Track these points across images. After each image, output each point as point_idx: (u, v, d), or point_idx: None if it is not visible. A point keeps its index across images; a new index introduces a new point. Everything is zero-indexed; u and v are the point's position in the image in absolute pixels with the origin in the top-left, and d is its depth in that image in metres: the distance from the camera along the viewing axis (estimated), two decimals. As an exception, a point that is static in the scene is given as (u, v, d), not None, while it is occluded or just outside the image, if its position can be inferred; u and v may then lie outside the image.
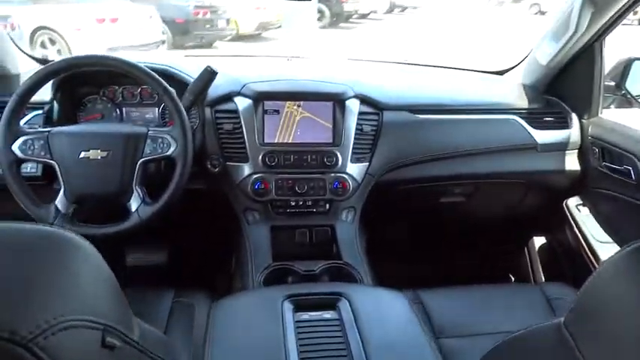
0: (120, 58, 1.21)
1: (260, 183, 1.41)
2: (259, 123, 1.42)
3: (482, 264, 1.90)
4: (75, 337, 0.41)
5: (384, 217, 1.70)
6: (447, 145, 1.54)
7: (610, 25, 1.42)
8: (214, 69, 1.33)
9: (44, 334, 0.39)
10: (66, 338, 0.40)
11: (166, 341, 0.72)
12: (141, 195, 1.22)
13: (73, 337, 0.41)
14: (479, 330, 1.22)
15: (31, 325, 0.39)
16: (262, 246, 1.37)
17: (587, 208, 1.61)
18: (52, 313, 0.41)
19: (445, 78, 1.82)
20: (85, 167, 1.19)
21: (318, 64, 1.85)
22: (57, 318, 0.41)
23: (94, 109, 1.48)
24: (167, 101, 1.23)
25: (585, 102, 1.59)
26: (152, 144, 1.23)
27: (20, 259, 0.43)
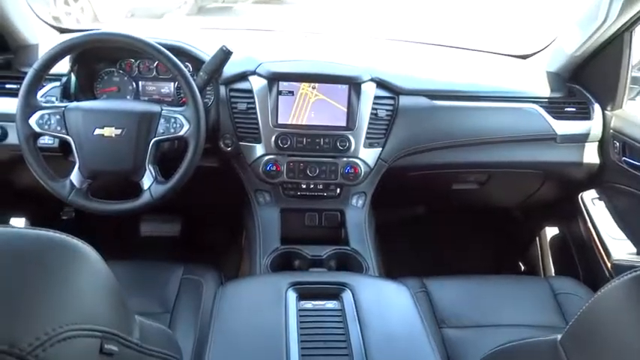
0: (136, 37, 1.21)
1: (272, 165, 1.41)
2: (273, 103, 1.41)
3: (492, 252, 1.90)
4: (73, 347, 0.42)
5: (395, 202, 1.69)
6: (464, 132, 1.52)
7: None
8: (229, 49, 1.32)
9: (43, 345, 0.40)
10: (65, 349, 0.41)
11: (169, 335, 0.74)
12: (153, 174, 1.24)
13: (72, 347, 0.42)
14: (483, 321, 1.23)
15: (31, 336, 0.40)
16: (271, 228, 1.38)
17: (602, 202, 1.58)
18: (51, 324, 0.42)
19: (466, 61, 1.77)
20: (100, 144, 1.21)
21: (336, 42, 1.81)
22: (56, 329, 0.41)
23: (111, 81, 1.49)
24: (181, 81, 1.23)
25: (610, 93, 1.54)
26: (165, 123, 1.24)
27: (20, 268, 0.44)
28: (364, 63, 1.49)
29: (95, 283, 0.50)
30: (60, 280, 0.46)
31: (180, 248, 1.82)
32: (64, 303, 0.45)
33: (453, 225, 1.91)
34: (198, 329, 1.10)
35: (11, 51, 1.51)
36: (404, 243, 1.68)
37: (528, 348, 0.74)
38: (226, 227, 1.71)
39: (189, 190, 1.25)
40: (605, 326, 0.59)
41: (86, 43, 1.21)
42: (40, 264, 0.45)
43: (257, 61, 1.43)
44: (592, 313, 0.62)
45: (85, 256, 0.51)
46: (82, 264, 0.50)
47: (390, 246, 1.44)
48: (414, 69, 1.58)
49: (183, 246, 1.82)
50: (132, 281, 1.27)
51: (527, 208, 1.83)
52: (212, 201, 1.73)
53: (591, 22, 1.43)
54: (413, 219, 1.84)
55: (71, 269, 0.48)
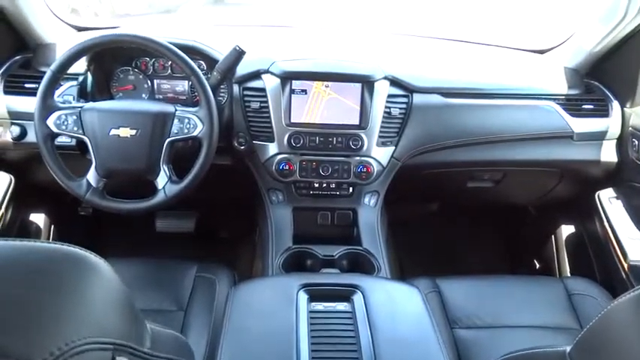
0: (150, 38, 1.22)
1: (284, 163, 1.42)
2: (286, 102, 1.41)
3: (507, 250, 1.88)
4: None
5: (409, 201, 1.69)
6: (479, 130, 1.50)
7: None
8: (242, 48, 1.33)
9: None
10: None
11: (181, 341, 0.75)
12: (168, 173, 1.25)
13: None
14: (495, 322, 1.23)
15: (44, 352, 0.41)
16: (284, 227, 1.40)
17: (620, 201, 1.55)
18: (65, 339, 0.42)
19: (481, 57, 1.74)
20: (115, 144, 1.23)
21: (349, 38, 1.80)
22: (69, 344, 0.42)
23: (127, 80, 1.51)
24: (194, 81, 1.24)
25: (629, 90, 1.51)
26: (179, 124, 1.25)
27: (34, 282, 0.45)
28: (377, 60, 1.48)
29: (108, 296, 0.52)
30: (73, 294, 0.46)
31: (194, 244, 1.84)
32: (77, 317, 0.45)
33: (467, 223, 1.90)
34: (211, 330, 1.12)
35: (30, 50, 1.54)
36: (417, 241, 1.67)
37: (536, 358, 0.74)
38: (240, 224, 1.73)
39: (204, 186, 1.27)
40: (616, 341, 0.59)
41: (101, 45, 1.22)
42: (54, 278, 0.46)
43: (270, 60, 1.43)
44: (603, 327, 0.62)
45: (97, 269, 0.52)
46: (94, 277, 0.51)
47: (404, 244, 1.44)
48: (427, 66, 1.56)
49: (198, 242, 1.84)
50: (147, 279, 1.30)
51: (542, 206, 1.81)
52: (226, 198, 1.75)
53: (611, 17, 1.39)
54: (426, 217, 1.83)
55: (84, 283, 0.49)
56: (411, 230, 1.68)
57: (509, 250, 1.90)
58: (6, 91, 1.44)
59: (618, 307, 0.60)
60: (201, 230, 1.85)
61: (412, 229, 1.69)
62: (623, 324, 0.59)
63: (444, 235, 1.86)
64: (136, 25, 1.73)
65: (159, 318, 1.19)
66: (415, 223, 1.77)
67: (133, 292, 0.56)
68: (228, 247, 1.72)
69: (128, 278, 1.26)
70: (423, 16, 5.35)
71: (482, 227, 1.93)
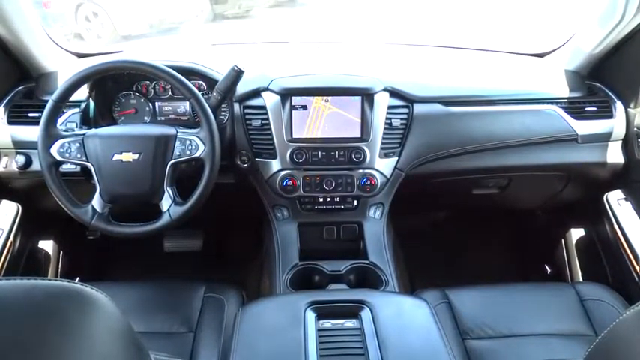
0: (148, 63, 1.23)
1: (288, 180, 1.42)
2: (287, 118, 1.41)
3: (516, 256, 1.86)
4: None
5: (413, 211, 1.68)
6: (481, 138, 1.49)
7: None
8: (241, 68, 1.33)
9: None
10: None
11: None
12: (172, 195, 1.26)
13: None
14: (508, 331, 1.21)
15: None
16: (290, 244, 1.39)
17: (629, 203, 1.53)
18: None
19: (480, 63, 1.74)
20: (119, 169, 1.24)
21: (347, 51, 1.80)
22: None
23: (128, 104, 1.52)
24: (194, 104, 1.25)
25: (632, 89, 1.50)
26: (181, 146, 1.26)
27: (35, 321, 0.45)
28: (376, 72, 1.48)
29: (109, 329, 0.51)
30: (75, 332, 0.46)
31: (202, 262, 1.85)
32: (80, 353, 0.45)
33: (475, 231, 1.89)
34: (221, 351, 1.12)
35: (33, 79, 1.56)
36: (425, 251, 1.66)
37: None
38: (247, 241, 1.73)
39: (209, 206, 1.27)
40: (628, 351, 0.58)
41: (100, 72, 1.24)
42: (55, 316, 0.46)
43: (269, 77, 1.44)
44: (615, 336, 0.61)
45: (98, 304, 0.51)
46: (96, 312, 0.50)
47: (412, 254, 1.42)
48: (427, 75, 1.56)
49: (206, 260, 1.85)
50: (156, 301, 1.30)
51: (551, 210, 1.79)
52: (232, 216, 1.76)
53: (609, 18, 1.39)
54: (433, 226, 1.82)
55: (85, 319, 0.49)
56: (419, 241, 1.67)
57: (518, 256, 1.88)
58: (10, 121, 1.46)
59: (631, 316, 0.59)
60: (209, 249, 1.86)
61: (419, 239, 1.68)
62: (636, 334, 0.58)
63: (452, 245, 1.85)
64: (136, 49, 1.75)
65: (169, 340, 1.18)
66: (422, 233, 1.76)
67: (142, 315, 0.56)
68: (236, 264, 1.72)
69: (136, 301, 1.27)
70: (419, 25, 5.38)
71: (490, 234, 1.91)
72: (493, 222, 1.88)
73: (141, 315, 1.22)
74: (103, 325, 0.50)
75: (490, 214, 1.83)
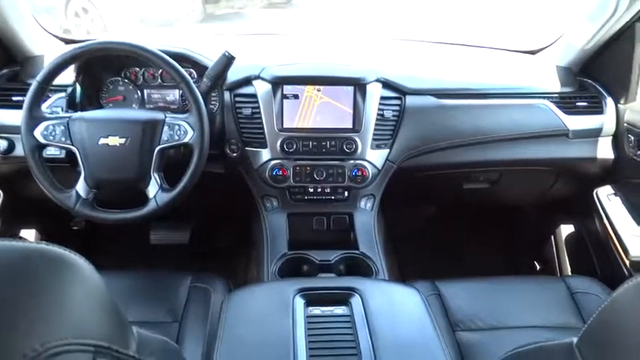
0: (138, 45, 1.20)
1: (278, 169, 1.40)
2: (278, 107, 1.39)
3: (506, 251, 1.86)
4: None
5: (404, 204, 1.67)
6: (473, 131, 1.49)
7: None
8: (232, 54, 1.31)
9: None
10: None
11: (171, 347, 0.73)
12: (158, 181, 1.23)
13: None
14: (498, 324, 1.20)
15: (17, 354, 0.38)
16: (279, 234, 1.37)
17: (618, 198, 1.53)
18: (39, 340, 0.40)
19: (473, 58, 1.74)
20: (104, 153, 1.21)
21: (340, 44, 1.79)
22: (44, 345, 0.40)
23: (116, 91, 1.49)
24: (184, 88, 1.22)
25: (623, 86, 1.50)
26: (169, 131, 1.23)
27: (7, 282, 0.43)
28: (369, 64, 1.47)
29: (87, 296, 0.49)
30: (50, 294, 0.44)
31: (189, 255, 1.81)
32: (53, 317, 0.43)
33: (466, 225, 1.88)
34: (207, 339, 1.09)
35: (18, 63, 1.52)
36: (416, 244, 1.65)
37: (543, 352, 0.72)
38: (234, 233, 1.70)
39: (197, 196, 1.24)
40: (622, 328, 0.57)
41: (88, 52, 1.21)
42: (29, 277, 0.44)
43: (261, 66, 1.42)
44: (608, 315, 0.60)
45: (76, 269, 0.49)
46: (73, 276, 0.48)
47: (402, 248, 1.41)
48: (420, 68, 1.56)
49: (193, 253, 1.81)
50: (141, 291, 1.27)
51: (541, 206, 1.79)
52: (220, 207, 1.73)
53: (601, 14, 1.39)
54: (424, 220, 1.81)
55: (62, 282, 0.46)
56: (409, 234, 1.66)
57: (508, 252, 1.88)
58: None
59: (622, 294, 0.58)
60: (196, 241, 1.83)
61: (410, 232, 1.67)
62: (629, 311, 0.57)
63: (443, 238, 1.84)
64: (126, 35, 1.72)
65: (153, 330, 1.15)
66: (413, 226, 1.74)
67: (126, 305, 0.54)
68: (224, 257, 1.69)
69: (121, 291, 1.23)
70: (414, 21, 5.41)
71: (481, 229, 1.90)
72: (484, 217, 1.87)
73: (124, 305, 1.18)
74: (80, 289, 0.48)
75: (481, 209, 1.83)
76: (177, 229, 1.85)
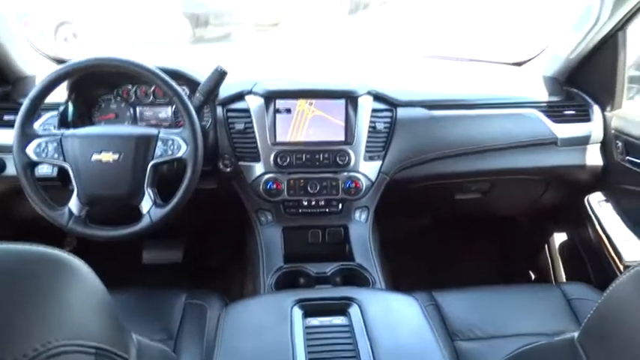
0: (130, 60, 1.21)
1: (272, 183, 1.40)
2: (271, 121, 1.40)
3: (500, 261, 1.86)
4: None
5: (399, 215, 1.67)
6: (464, 141, 1.50)
7: (634, 13, 1.35)
8: (224, 69, 1.32)
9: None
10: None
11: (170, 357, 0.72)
12: (152, 197, 1.22)
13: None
14: (496, 332, 1.20)
15: (19, 353, 0.38)
16: (274, 248, 1.37)
17: (609, 204, 1.55)
18: (40, 340, 0.40)
19: (462, 71, 1.77)
20: (98, 169, 1.20)
21: (332, 58, 1.82)
22: (45, 345, 0.40)
23: (108, 108, 1.49)
24: (177, 102, 1.23)
25: (608, 93, 1.53)
26: (163, 146, 1.23)
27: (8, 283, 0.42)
28: (360, 77, 1.49)
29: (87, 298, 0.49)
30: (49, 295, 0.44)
31: (183, 274, 1.79)
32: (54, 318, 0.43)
33: (459, 236, 1.89)
34: (204, 354, 1.07)
35: (9, 83, 1.52)
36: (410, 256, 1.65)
37: (545, 350, 0.71)
38: (229, 249, 1.69)
39: (190, 213, 1.24)
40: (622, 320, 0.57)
41: (82, 69, 1.21)
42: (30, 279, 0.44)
43: (253, 81, 1.44)
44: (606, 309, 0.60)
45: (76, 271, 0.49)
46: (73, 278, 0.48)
47: (397, 260, 1.41)
48: (410, 81, 1.58)
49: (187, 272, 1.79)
50: (134, 309, 1.25)
51: (533, 214, 1.80)
52: (214, 224, 1.72)
53: (584, 23, 1.43)
54: (418, 231, 1.81)
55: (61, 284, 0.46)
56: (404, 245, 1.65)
57: (502, 261, 1.88)
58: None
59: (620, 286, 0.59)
60: (190, 260, 1.81)
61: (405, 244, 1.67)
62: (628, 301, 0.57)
63: (437, 249, 1.84)
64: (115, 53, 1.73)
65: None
66: (407, 238, 1.75)
67: None
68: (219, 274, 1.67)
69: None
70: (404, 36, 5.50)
71: (475, 240, 1.91)
72: (477, 229, 1.88)
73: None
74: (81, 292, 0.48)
75: (474, 220, 1.84)
76: (169, 248, 1.83)
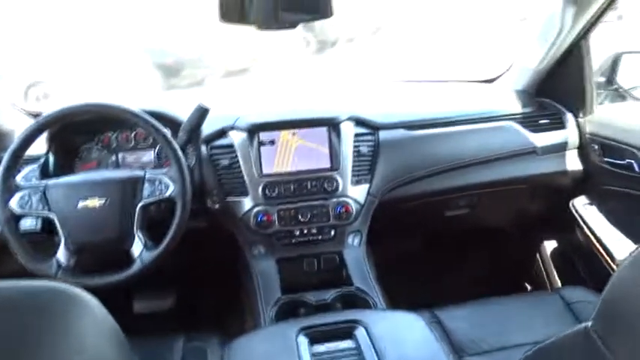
0: (110, 104, 1.21)
1: (262, 215, 1.39)
2: (256, 155, 1.41)
3: (495, 275, 1.87)
4: None
5: (391, 237, 1.67)
6: (447, 158, 1.53)
7: (594, 22, 1.42)
8: (206, 106, 1.33)
9: None
10: None
11: None
12: (142, 240, 1.20)
13: None
14: (502, 344, 1.19)
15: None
16: (270, 280, 1.34)
17: (594, 206, 1.58)
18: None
19: (437, 91, 1.82)
20: (85, 216, 1.18)
21: (310, 89, 1.85)
22: None
23: (90, 157, 1.48)
24: (161, 142, 1.22)
25: (578, 100, 1.59)
26: (150, 187, 1.22)
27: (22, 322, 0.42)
28: (340, 103, 1.51)
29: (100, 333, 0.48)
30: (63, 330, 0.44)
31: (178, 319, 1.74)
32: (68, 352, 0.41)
33: (452, 252, 1.89)
34: None
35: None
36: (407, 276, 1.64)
37: (561, 345, 0.71)
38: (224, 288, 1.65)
39: (182, 255, 1.21)
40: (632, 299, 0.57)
41: (60, 118, 1.20)
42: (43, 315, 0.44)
43: (234, 116, 1.45)
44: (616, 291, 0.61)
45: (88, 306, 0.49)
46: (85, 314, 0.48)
47: (394, 280, 1.40)
48: (389, 104, 1.61)
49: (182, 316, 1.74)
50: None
51: (522, 224, 1.83)
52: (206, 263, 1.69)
53: (548, 35, 1.50)
54: (412, 251, 1.81)
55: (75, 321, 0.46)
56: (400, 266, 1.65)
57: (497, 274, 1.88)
58: None
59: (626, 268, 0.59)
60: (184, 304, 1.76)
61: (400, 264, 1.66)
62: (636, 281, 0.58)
63: (432, 267, 1.84)
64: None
65: None
66: (402, 258, 1.74)
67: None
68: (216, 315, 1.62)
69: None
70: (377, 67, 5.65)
71: (468, 254, 1.91)
72: (469, 243, 1.89)
73: None
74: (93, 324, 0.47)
75: (465, 236, 1.85)
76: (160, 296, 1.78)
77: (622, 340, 0.57)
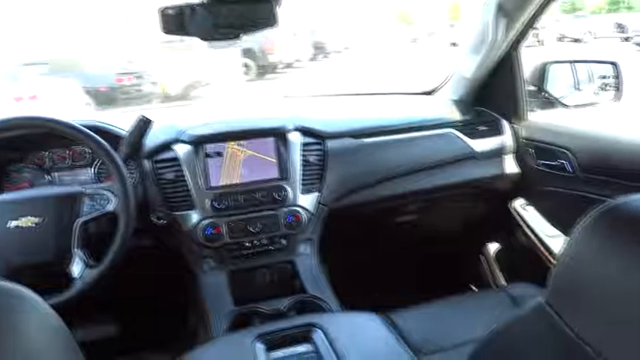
0: (44, 117, 1.15)
1: (211, 228, 1.34)
2: (202, 167, 1.37)
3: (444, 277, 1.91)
4: None
5: (343, 244, 1.68)
6: (393, 164, 1.57)
7: (523, 33, 1.52)
8: (148, 117, 1.29)
9: None
10: None
11: None
12: (83, 258, 1.13)
13: None
14: (458, 340, 1.20)
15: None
16: (221, 293, 1.30)
17: (532, 206, 1.66)
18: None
19: (380, 103, 1.87)
20: (18, 237, 1.10)
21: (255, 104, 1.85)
22: None
23: (21, 177, 1.38)
24: (102, 155, 1.17)
25: (512, 108, 1.68)
26: (90, 202, 1.16)
27: None
28: (287, 114, 1.52)
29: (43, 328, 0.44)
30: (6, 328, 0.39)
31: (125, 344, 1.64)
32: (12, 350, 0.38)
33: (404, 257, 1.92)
34: None
35: None
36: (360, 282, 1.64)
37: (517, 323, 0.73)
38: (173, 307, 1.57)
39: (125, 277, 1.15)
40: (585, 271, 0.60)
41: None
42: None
43: (178, 128, 1.41)
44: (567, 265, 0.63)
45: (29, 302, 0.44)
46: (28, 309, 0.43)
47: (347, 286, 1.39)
48: (334, 115, 1.64)
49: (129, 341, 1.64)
50: None
51: (467, 228, 1.89)
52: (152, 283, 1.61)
53: (481, 46, 1.58)
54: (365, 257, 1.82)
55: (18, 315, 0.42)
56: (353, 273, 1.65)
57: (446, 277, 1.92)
58: None
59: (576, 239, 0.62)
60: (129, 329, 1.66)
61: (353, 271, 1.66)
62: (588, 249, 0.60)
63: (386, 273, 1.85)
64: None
65: None
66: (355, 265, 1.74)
67: None
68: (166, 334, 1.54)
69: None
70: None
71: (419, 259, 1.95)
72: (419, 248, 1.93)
73: None
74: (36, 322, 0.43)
75: (415, 241, 1.88)
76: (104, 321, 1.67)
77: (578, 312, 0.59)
